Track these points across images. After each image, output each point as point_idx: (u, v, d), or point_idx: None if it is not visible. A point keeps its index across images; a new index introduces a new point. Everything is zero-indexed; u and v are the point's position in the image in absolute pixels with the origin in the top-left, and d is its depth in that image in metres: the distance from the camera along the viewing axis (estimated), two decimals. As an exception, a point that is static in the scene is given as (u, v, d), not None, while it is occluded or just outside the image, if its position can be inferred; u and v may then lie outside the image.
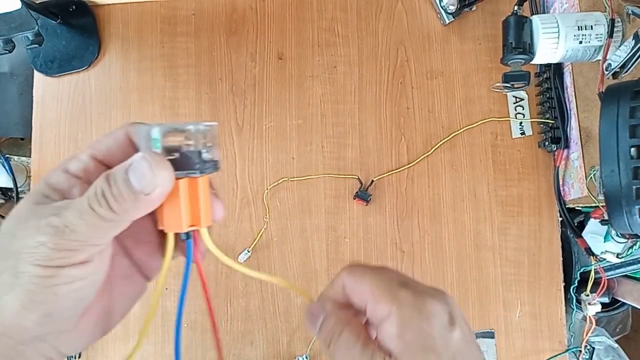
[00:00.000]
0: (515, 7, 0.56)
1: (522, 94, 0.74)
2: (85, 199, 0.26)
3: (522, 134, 0.73)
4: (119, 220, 0.26)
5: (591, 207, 0.65)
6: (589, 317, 0.70)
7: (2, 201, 0.90)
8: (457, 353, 0.28)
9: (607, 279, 0.70)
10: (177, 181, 0.27)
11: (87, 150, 0.29)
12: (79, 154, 0.29)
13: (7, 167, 0.84)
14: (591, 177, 0.61)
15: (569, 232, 0.71)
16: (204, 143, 0.28)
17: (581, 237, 0.68)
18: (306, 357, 0.73)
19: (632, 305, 0.74)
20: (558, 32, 0.53)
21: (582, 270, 0.71)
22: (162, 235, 0.31)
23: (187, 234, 0.29)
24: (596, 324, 0.72)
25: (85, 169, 0.28)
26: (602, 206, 0.60)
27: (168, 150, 0.27)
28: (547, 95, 0.70)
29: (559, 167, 0.70)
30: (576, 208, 0.70)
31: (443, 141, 0.74)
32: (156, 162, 0.26)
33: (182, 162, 0.27)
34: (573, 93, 0.66)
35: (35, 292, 0.25)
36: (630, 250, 0.63)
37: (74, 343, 0.29)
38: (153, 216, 0.29)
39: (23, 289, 0.25)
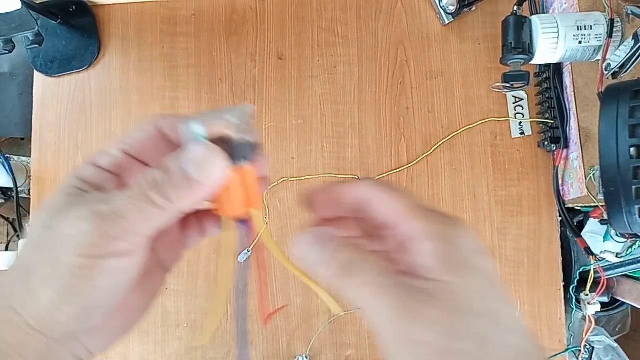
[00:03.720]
0: (515, 7, 0.56)
1: (521, 94, 0.74)
2: (138, 187, 0.25)
3: (521, 134, 0.74)
4: (171, 209, 0.26)
5: (591, 206, 0.65)
6: (589, 316, 0.70)
7: (2, 201, 0.90)
8: (494, 279, 0.26)
9: (607, 279, 0.70)
10: (229, 169, 0.27)
11: (117, 145, 0.28)
12: (108, 148, 0.28)
13: (7, 167, 0.84)
14: (591, 177, 0.61)
15: (568, 232, 0.71)
16: (244, 128, 0.27)
17: (581, 236, 0.68)
18: (306, 357, 0.73)
19: (631, 305, 0.74)
20: (557, 32, 0.53)
21: (581, 269, 0.71)
22: (182, 226, 0.31)
23: (243, 220, 0.30)
24: (596, 324, 0.72)
25: (117, 164, 0.28)
26: (602, 206, 0.60)
27: (213, 142, 0.27)
28: (547, 95, 0.70)
29: (558, 167, 0.70)
30: (576, 208, 0.70)
31: (443, 141, 0.74)
32: (212, 151, 0.26)
33: (229, 151, 0.27)
34: (572, 93, 0.66)
35: (73, 284, 0.24)
36: (629, 250, 0.63)
37: (102, 341, 0.29)
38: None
39: (61, 280, 0.24)
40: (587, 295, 0.70)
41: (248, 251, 0.81)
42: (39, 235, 0.26)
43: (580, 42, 0.54)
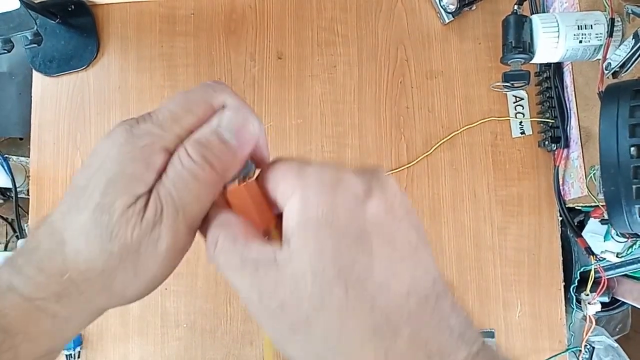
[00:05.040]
0: (515, 7, 0.55)
1: (522, 93, 0.74)
2: (183, 170, 0.25)
3: (522, 133, 0.73)
4: (220, 180, 0.26)
5: (591, 206, 0.65)
6: (589, 316, 0.70)
7: (1, 201, 0.90)
8: (371, 226, 0.23)
9: (607, 279, 0.69)
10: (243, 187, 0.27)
11: (172, 133, 0.26)
12: (163, 138, 0.26)
13: (5, 167, 0.83)
14: (591, 177, 0.61)
15: (568, 232, 0.70)
16: None
17: (581, 236, 0.68)
18: (306, 357, 0.73)
19: (631, 305, 0.74)
20: (558, 31, 0.53)
21: (582, 269, 0.71)
22: None
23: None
24: (596, 324, 0.71)
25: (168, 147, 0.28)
26: (602, 205, 0.60)
27: None
28: (547, 95, 0.70)
29: (558, 166, 0.70)
30: (576, 207, 0.70)
31: (443, 141, 0.74)
32: (243, 112, 0.26)
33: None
34: (573, 92, 0.66)
35: (155, 281, 0.26)
36: (630, 250, 0.63)
37: (140, 288, 0.28)
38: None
39: (145, 281, 0.26)
40: (587, 295, 0.70)
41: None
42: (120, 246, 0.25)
43: (580, 42, 0.53)
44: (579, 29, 0.53)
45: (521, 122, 0.73)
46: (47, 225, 0.26)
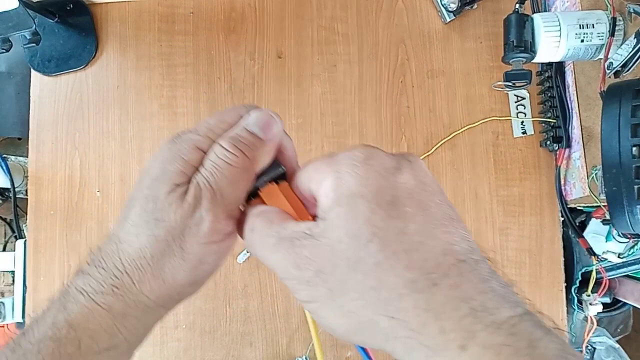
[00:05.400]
0: (517, 6, 0.55)
1: (523, 92, 0.73)
2: (218, 159, 0.28)
3: (523, 133, 0.73)
4: (252, 169, 0.28)
5: (593, 206, 0.65)
6: (590, 317, 0.70)
7: (0, 201, 0.89)
8: (404, 194, 0.24)
9: (609, 279, 0.69)
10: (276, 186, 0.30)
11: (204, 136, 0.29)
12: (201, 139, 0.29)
13: (4, 167, 0.83)
14: (593, 177, 0.61)
15: (570, 232, 0.70)
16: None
17: (583, 237, 0.67)
18: (306, 358, 0.72)
19: (633, 306, 0.74)
20: (559, 30, 0.53)
21: (583, 270, 0.71)
22: None
23: None
24: (597, 324, 0.71)
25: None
26: (604, 206, 0.60)
27: None
28: (549, 94, 0.69)
29: (560, 166, 0.70)
30: (578, 208, 0.69)
31: (444, 140, 0.74)
32: (267, 113, 0.30)
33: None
34: (575, 92, 0.65)
35: (198, 267, 0.28)
36: (631, 250, 0.63)
37: (189, 273, 0.30)
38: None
39: (189, 268, 0.28)
40: (589, 295, 0.70)
41: (247, 252, 0.81)
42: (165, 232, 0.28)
43: (582, 41, 0.53)
44: (580, 28, 0.53)
45: (523, 121, 0.73)
46: (109, 236, 0.29)
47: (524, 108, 0.73)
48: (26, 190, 0.84)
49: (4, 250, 0.96)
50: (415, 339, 0.21)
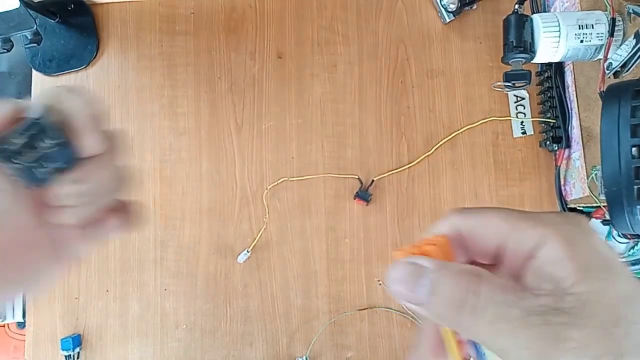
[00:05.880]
0: (516, 6, 0.55)
1: (523, 93, 0.73)
2: None
3: (523, 133, 0.73)
4: None
5: (592, 207, 0.65)
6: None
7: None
8: (634, 278, 0.22)
9: (609, 279, 0.69)
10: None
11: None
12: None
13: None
14: (592, 177, 0.61)
15: (570, 232, 0.70)
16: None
17: (582, 237, 0.67)
18: (306, 358, 0.72)
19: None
20: (559, 31, 0.53)
21: (583, 270, 0.70)
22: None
23: None
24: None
25: None
26: (604, 206, 0.60)
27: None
28: (548, 95, 0.69)
29: (560, 166, 0.70)
30: (577, 208, 0.69)
31: (444, 140, 0.74)
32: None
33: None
34: (574, 92, 0.66)
35: None
36: (631, 251, 0.63)
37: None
38: None
39: None
40: (588, 296, 0.70)
41: (248, 252, 0.81)
42: None
43: (581, 41, 0.53)
44: (580, 28, 0.53)
45: (522, 122, 0.73)
46: None
47: (524, 108, 0.73)
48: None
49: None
50: None
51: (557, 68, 0.68)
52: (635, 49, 0.48)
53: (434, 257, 0.23)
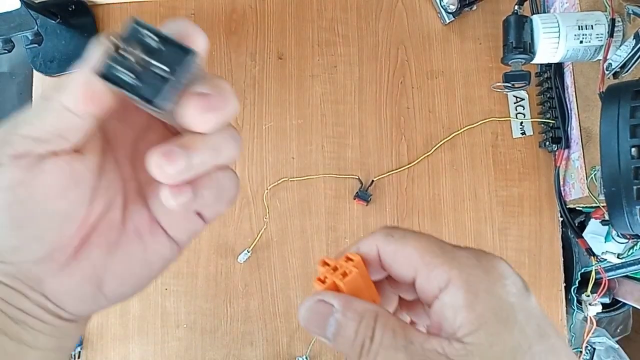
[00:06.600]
0: (516, 7, 0.55)
1: (522, 93, 0.73)
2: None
3: (522, 134, 0.73)
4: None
5: (592, 207, 0.65)
6: (590, 317, 0.70)
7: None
8: (540, 324, 0.22)
9: (608, 280, 0.69)
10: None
11: None
12: None
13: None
14: (592, 177, 0.61)
15: (569, 233, 0.70)
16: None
17: (582, 237, 0.67)
18: (306, 358, 0.73)
19: (632, 306, 0.74)
20: (558, 31, 0.53)
21: (582, 270, 0.71)
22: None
23: None
24: (597, 325, 0.71)
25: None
26: (603, 206, 0.60)
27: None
28: (548, 95, 0.69)
29: (559, 167, 0.70)
30: (577, 208, 0.69)
31: (443, 141, 0.74)
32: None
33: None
34: (574, 93, 0.66)
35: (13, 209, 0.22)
36: (631, 251, 0.63)
37: (71, 300, 0.25)
38: None
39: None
40: (588, 296, 0.70)
41: (248, 251, 0.81)
42: None
43: (581, 42, 0.53)
44: (579, 29, 0.53)
45: (522, 122, 0.73)
46: None
47: (523, 109, 0.73)
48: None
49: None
50: None
51: (557, 69, 0.69)
52: (634, 50, 0.48)
53: (345, 291, 0.24)
